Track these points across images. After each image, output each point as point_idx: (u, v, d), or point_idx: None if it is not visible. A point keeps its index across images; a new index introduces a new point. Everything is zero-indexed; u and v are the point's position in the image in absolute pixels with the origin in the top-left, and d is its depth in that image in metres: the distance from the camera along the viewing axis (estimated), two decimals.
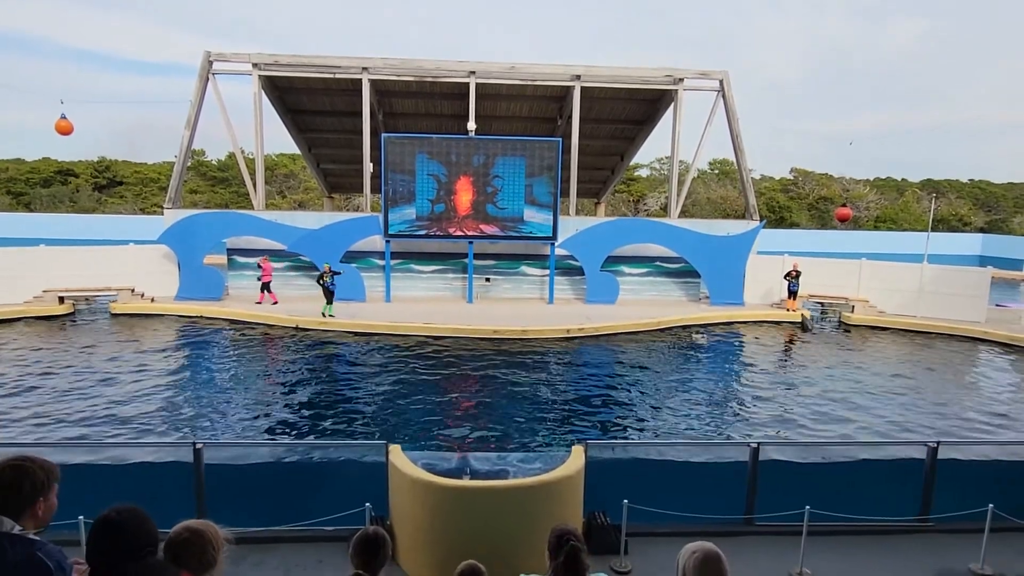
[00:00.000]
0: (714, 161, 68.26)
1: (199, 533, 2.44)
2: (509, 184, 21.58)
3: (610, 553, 5.92)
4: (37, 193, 57.16)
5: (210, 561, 2.42)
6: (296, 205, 53.99)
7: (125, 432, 10.45)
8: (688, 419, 12.01)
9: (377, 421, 11.50)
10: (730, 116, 23.49)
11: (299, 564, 5.76)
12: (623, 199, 59.75)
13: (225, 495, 6.22)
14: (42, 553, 2.22)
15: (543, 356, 16.33)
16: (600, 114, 26.99)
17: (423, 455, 6.76)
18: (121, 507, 2.33)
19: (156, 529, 2.37)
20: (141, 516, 2.34)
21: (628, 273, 23.41)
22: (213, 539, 2.45)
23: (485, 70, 23.13)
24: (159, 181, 58.41)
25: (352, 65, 22.75)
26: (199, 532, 2.44)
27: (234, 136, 23.45)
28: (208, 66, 22.10)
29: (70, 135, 21.37)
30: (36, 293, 19.80)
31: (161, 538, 2.40)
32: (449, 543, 5.46)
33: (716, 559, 2.56)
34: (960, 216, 63.08)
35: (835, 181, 65.68)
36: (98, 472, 6.46)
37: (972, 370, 16.69)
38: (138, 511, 2.35)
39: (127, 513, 2.31)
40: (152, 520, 2.38)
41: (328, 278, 19.06)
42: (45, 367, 14.09)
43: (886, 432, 11.41)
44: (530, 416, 11.91)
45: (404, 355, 16.02)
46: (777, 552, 6.04)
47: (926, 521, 6.63)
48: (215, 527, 2.51)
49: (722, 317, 21.19)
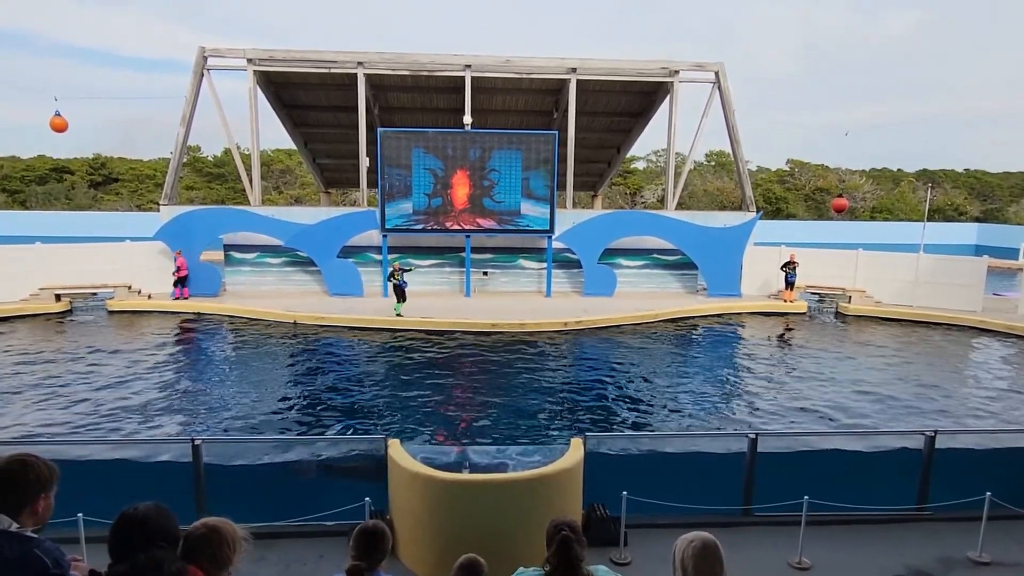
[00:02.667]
0: (710, 153, 68.21)
1: (216, 530, 2.45)
2: (505, 178, 21.54)
3: (609, 545, 5.94)
4: (33, 191, 56.93)
5: (224, 560, 2.43)
6: (293, 200, 53.87)
7: (123, 429, 10.44)
8: (686, 410, 12.04)
9: (376, 415, 11.51)
10: (726, 108, 23.46)
11: (299, 559, 5.76)
12: (620, 192, 59.70)
13: (224, 491, 6.22)
14: (39, 550, 2.22)
15: (541, 349, 16.34)
16: (596, 107, 26.92)
17: (422, 449, 6.77)
18: (145, 503, 2.39)
19: (175, 526, 2.41)
20: (161, 513, 2.39)
21: (625, 266, 23.41)
22: (230, 538, 2.46)
23: (480, 64, 23.06)
24: (155, 178, 58.20)
25: (347, 60, 22.66)
26: (216, 529, 2.46)
27: (230, 132, 23.36)
28: (203, 62, 22.00)
29: (65, 132, 21.28)
30: (33, 291, 19.75)
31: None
32: (448, 536, 5.47)
33: (714, 548, 2.57)
34: (956, 206, 63.14)
35: (831, 172, 65.62)
36: (96, 469, 6.46)
37: (969, 359, 16.75)
38: (161, 508, 2.41)
39: (148, 509, 2.36)
40: (174, 518, 2.43)
41: (399, 276, 18.75)
42: (42, 364, 14.06)
43: (883, 422, 11.45)
44: (529, 409, 11.92)
45: (401, 349, 16.02)
46: (776, 542, 6.06)
47: (924, 510, 6.66)
48: (234, 526, 2.52)
49: (719, 309, 21.22)
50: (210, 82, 22.36)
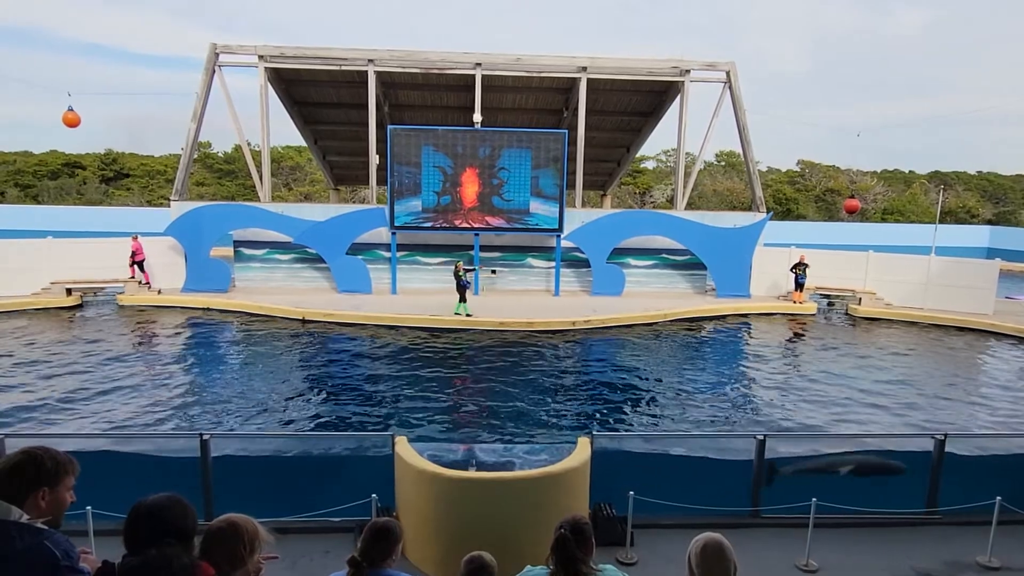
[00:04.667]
0: (720, 153, 68.01)
1: (234, 526, 2.40)
2: (515, 176, 21.52)
3: (616, 545, 5.92)
4: (44, 185, 57.37)
5: (239, 558, 2.37)
6: (302, 197, 54.05)
7: (132, 423, 10.51)
8: (694, 410, 12.00)
9: (383, 412, 11.53)
10: (737, 108, 23.36)
11: (306, 555, 5.78)
12: (629, 191, 59.60)
13: (232, 486, 6.24)
14: (49, 542, 2.22)
15: (549, 348, 16.33)
16: (606, 106, 26.86)
17: (429, 446, 6.77)
18: (158, 495, 2.35)
19: (190, 519, 2.38)
20: (175, 505, 2.35)
21: (634, 265, 23.36)
22: (247, 536, 2.39)
23: (491, 62, 23.05)
24: (166, 173, 58.56)
25: (358, 57, 22.70)
26: (234, 525, 2.40)
27: (240, 128, 23.44)
28: (214, 58, 22.09)
29: (77, 127, 21.44)
30: (44, 285, 19.89)
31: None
32: (455, 534, 5.47)
33: (718, 547, 2.58)
34: (968, 208, 62.73)
35: (842, 173, 65.34)
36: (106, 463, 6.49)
37: (980, 362, 16.62)
38: (175, 500, 2.36)
39: (159, 501, 2.34)
40: (189, 510, 2.39)
41: (463, 275, 18.41)
42: (53, 358, 14.16)
43: (893, 424, 11.38)
44: (536, 408, 11.91)
45: (409, 347, 16.04)
46: (784, 544, 6.03)
47: (933, 513, 6.61)
48: (256, 525, 2.46)
49: (728, 309, 21.14)
50: (221, 79, 22.45)
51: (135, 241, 20.82)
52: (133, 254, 20.71)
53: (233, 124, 23.28)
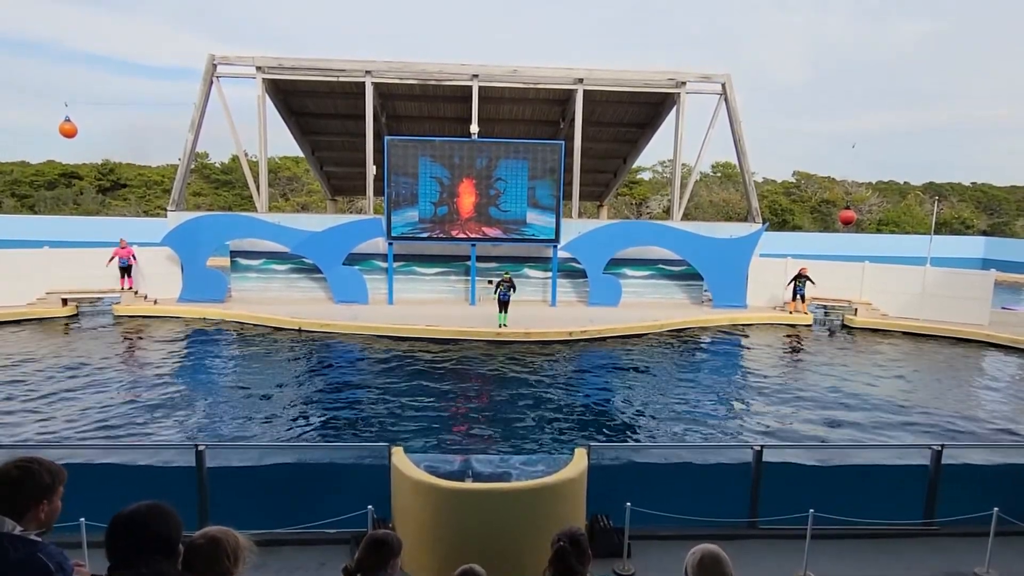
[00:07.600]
0: (716, 164, 68.26)
1: (215, 541, 2.37)
2: (512, 187, 21.57)
3: (613, 556, 5.90)
4: (41, 195, 57.33)
5: (224, 571, 2.34)
6: (299, 208, 54.06)
7: (127, 434, 10.45)
8: (691, 421, 11.98)
9: (379, 423, 11.49)
10: (732, 119, 23.47)
11: (301, 567, 5.74)
12: (626, 202, 59.75)
13: (227, 497, 6.21)
14: (43, 554, 2.21)
15: (546, 358, 16.31)
16: (603, 117, 26.99)
17: (425, 457, 6.75)
18: (138, 504, 2.27)
19: (173, 528, 2.29)
20: (156, 514, 2.26)
21: (631, 275, 23.38)
22: (230, 549, 2.36)
23: (488, 73, 23.14)
24: (163, 184, 58.52)
25: (355, 68, 22.78)
26: (215, 540, 2.37)
27: (238, 139, 23.48)
28: (212, 69, 22.14)
29: (74, 137, 21.44)
30: (40, 295, 19.84)
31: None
32: (451, 545, 5.44)
33: (715, 558, 2.57)
34: (963, 219, 62.99)
35: (837, 184, 65.66)
36: (100, 474, 6.45)
37: (976, 373, 16.64)
38: (157, 509, 2.27)
39: (138, 511, 2.25)
40: (172, 520, 2.29)
41: (503, 287, 18.56)
42: (48, 368, 14.10)
43: (890, 435, 11.37)
44: (533, 418, 11.88)
45: (405, 357, 16.01)
46: (781, 555, 6.01)
47: (931, 525, 6.60)
48: (237, 536, 2.43)
49: (725, 319, 21.17)
50: (219, 89, 22.51)
51: (123, 248, 20.56)
52: (111, 258, 20.37)
53: (231, 135, 23.33)
